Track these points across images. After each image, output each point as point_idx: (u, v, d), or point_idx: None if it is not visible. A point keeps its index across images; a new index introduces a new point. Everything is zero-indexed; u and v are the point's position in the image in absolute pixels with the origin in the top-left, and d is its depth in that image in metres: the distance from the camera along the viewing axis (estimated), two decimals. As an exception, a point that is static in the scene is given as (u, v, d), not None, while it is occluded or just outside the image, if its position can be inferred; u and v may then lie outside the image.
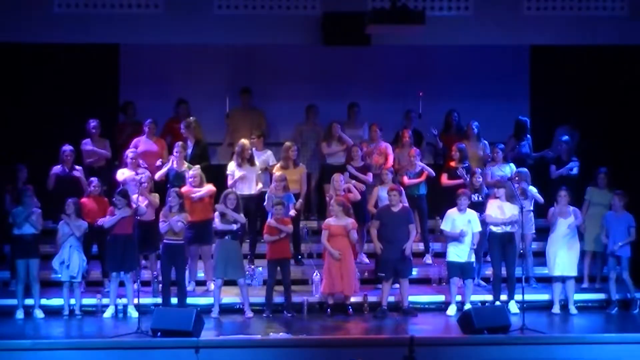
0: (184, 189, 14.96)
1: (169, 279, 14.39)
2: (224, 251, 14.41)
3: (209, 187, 15.18)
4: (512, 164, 16.08)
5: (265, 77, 17.76)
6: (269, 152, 16.37)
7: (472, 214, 14.66)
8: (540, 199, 15.39)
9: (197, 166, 15.47)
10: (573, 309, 14.74)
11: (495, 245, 14.77)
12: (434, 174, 15.98)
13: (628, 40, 16.94)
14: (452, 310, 14.58)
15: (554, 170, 16.38)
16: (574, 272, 14.79)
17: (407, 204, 14.99)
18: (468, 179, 15.44)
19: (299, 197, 15.70)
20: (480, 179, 15.33)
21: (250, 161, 15.70)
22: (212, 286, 14.97)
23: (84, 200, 14.98)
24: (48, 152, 16.04)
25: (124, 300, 14.52)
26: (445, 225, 14.71)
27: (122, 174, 15.50)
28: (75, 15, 16.35)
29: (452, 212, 14.73)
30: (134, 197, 14.49)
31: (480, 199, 15.14)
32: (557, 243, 14.77)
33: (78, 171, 15.80)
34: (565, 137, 16.56)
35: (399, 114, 17.13)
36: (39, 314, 14.44)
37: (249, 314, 14.47)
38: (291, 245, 15.39)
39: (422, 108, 16.94)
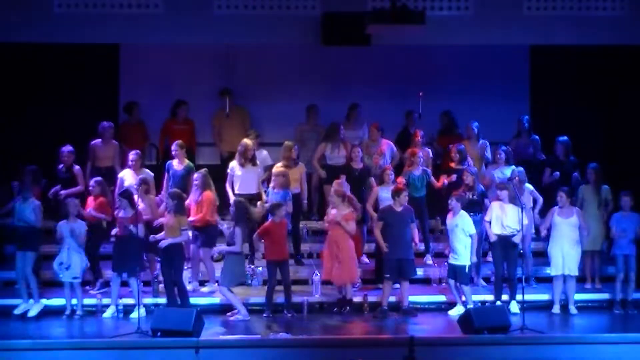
0: None
1: (170, 277, 14.36)
2: (229, 261, 14.35)
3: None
4: (514, 167, 15.96)
5: (264, 77, 17.77)
6: (265, 152, 16.38)
7: (463, 218, 14.57)
8: (539, 197, 15.41)
9: (204, 169, 15.38)
10: (573, 309, 14.72)
11: (496, 247, 14.76)
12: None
13: (628, 40, 16.95)
14: (455, 311, 14.56)
15: (547, 176, 16.33)
16: (575, 272, 14.79)
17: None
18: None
19: (299, 196, 15.70)
20: (471, 177, 15.24)
21: (252, 161, 15.69)
22: (211, 287, 14.97)
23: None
24: (48, 152, 16.04)
25: (124, 300, 14.51)
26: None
27: (125, 177, 15.47)
28: (75, 15, 16.37)
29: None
30: (135, 197, 14.50)
31: (475, 197, 15.11)
32: (560, 242, 14.73)
33: (77, 172, 15.80)
34: (563, 138, 16.50)
35: (399, 114, 17.14)
36: (37, 307, 14.39)
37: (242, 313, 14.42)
38: (291, 246, 15.40)
39: (422, 108, 16.95)
